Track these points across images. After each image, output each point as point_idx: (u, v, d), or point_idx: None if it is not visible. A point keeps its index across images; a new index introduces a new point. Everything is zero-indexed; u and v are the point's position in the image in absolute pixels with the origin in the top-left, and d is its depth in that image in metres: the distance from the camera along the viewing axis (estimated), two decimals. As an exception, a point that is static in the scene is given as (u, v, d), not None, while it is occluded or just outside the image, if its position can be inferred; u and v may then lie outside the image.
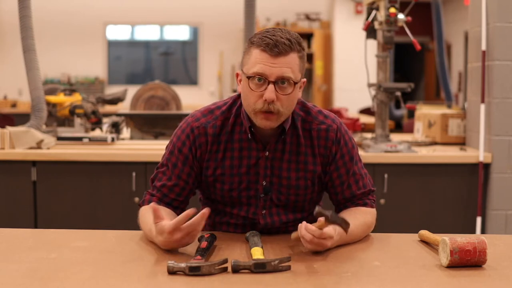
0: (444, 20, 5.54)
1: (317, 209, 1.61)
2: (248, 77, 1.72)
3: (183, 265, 1.49)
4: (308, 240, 1.62)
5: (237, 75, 1.82)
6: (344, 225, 1.65)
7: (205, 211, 1.59)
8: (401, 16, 3.52)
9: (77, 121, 3.91)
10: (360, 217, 1.86)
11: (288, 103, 1.74)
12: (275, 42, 1.68)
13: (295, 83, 1.72)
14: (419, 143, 3.91)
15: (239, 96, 1.86)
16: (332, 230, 1.65)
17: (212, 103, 1.93)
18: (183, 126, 1.88)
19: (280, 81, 1.70)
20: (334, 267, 1.57)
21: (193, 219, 1.59)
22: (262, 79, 1.70)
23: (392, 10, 3.48)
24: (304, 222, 1.66)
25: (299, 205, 1.91)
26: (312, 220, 1.98)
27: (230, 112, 1.86)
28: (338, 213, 1.91)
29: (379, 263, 1.62)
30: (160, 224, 1.61)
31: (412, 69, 12.20)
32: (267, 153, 1.84)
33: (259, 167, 1.85)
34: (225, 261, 1.52)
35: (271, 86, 1.69)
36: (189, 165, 1.85)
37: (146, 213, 1.81)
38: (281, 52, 1.68)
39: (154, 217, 1.63)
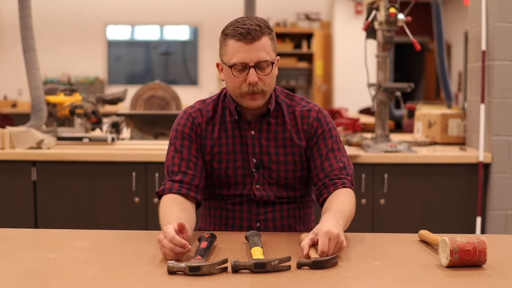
0: (444, 20, 5.53)
1: (298, 261, 1.55)
2: (230, 66, 1.88)
3: (183, 265, 1.49)
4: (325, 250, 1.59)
5: (218, 65, 1.99)
6: (331, 263, 1.57)
7: (187, 249, 1.59)
8: (401, 16, 3.52)
9: (77, 121, 3.91)
10: (346, 196, 1.89)
11: (269, 81, 1.91)
12: (247, 30, 1.85)
13: (272, 63, 1.90)
14: (419, 143, 3.91)
15: (225, 88, 2.03)
16: (329, 228, 1.63)
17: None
18: (181, 114, 2.04)
19: (259, 65, 1.87)
20: (334, 267, 1.57)
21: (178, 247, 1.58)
22: (243, 65, 1.87)
23: (392, 10, 3.48)
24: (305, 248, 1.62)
25: (289, 182, 2.01)
26: (306, 203, 2.09)
27: (219, 99, 2.05)
28: (323, 200, 1.93)
29: (379, 263, 1.62)
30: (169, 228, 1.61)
31: (412, 69, 12.20)
32: (252, 132, 1.99)
33: (248, 146, 1.99)
34: (225, 261, 1.52)
35: (252, 71, 1.87)
36: (195, 142, 1.99)
37: (168, 206, 1.85)
38: (254, 38, 1.86)
39: (178, 229, 1.62)
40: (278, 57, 1.95)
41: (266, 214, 2.00)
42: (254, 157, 1.98)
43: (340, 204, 1.85)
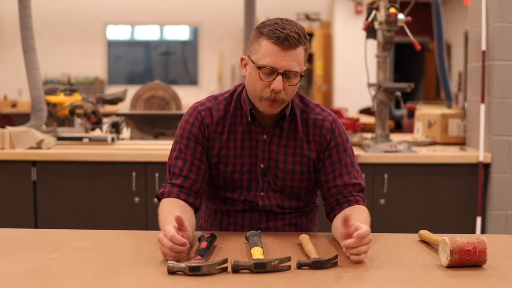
0: (444, 20, 5.53)
1: (298, 261, 1.56)
2: (259, 68, 1.80)
3: (183, 265, 1.49)
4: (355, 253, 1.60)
5: (242, 59, 1.90)
6: (331, 263, 1.58)
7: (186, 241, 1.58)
8: (401, 16, 3.52)
9: (77, 121, 3.91)
10: (362, 214, 1.86)
11: (291, 92, 1.85)
12: (286, 35, 1.76)
13: (301, 75, 1.83)
14: (419, 143, 3.91)
15: (239, 85, 1.97)
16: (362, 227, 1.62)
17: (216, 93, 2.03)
18: (190, 111, 1.97)
19: (287, 73, 1.80)
20: (334, 267, 1.57)
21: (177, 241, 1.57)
22: (272, 70, 1.79)
23: (392, 10, 3.48)
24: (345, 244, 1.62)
25: (295, 191, 1.97)
26: (308, 211, 2.05)
27: (232, 98, 1.96)
28: (334, 216, 1.91)
29: (379, 263, 1.62)
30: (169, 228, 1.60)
31: (412, 69, 12.19)
32: (265, 136, 1.93)
33: (258, 150, 1.93)
34: (225, 261, 1.52)
35: (279, 77, 1.79)
36: (201, 144, 1.93)
37: (167, 207, 1.83)
38: (291, 46, 1.77)
39: (178, 225, 1.61)
40: (304, 68, 1.88)
41: (268, 222, 1.98)
42: (262, 162, 1.93)
43: (362, 221, 1.75)
